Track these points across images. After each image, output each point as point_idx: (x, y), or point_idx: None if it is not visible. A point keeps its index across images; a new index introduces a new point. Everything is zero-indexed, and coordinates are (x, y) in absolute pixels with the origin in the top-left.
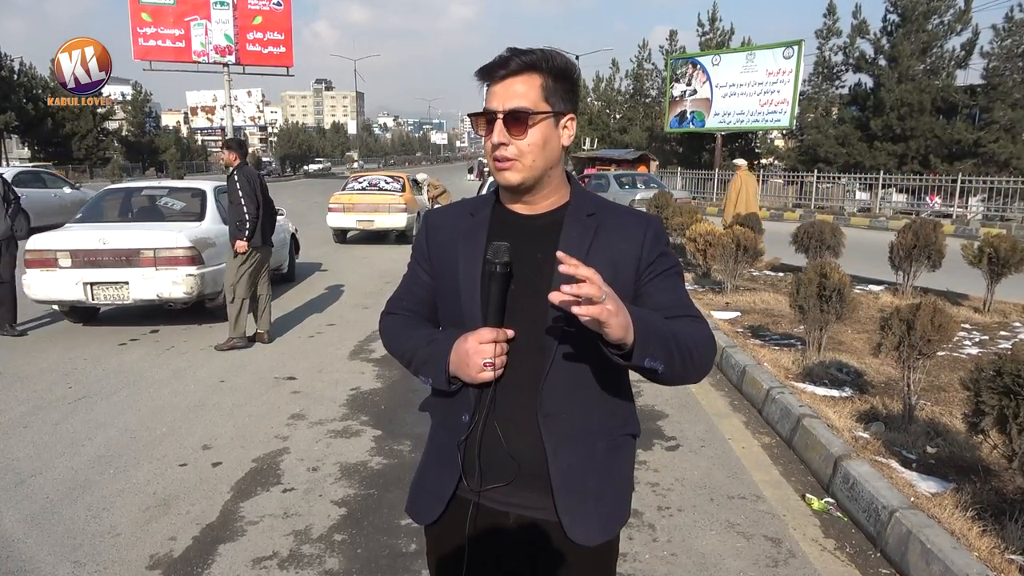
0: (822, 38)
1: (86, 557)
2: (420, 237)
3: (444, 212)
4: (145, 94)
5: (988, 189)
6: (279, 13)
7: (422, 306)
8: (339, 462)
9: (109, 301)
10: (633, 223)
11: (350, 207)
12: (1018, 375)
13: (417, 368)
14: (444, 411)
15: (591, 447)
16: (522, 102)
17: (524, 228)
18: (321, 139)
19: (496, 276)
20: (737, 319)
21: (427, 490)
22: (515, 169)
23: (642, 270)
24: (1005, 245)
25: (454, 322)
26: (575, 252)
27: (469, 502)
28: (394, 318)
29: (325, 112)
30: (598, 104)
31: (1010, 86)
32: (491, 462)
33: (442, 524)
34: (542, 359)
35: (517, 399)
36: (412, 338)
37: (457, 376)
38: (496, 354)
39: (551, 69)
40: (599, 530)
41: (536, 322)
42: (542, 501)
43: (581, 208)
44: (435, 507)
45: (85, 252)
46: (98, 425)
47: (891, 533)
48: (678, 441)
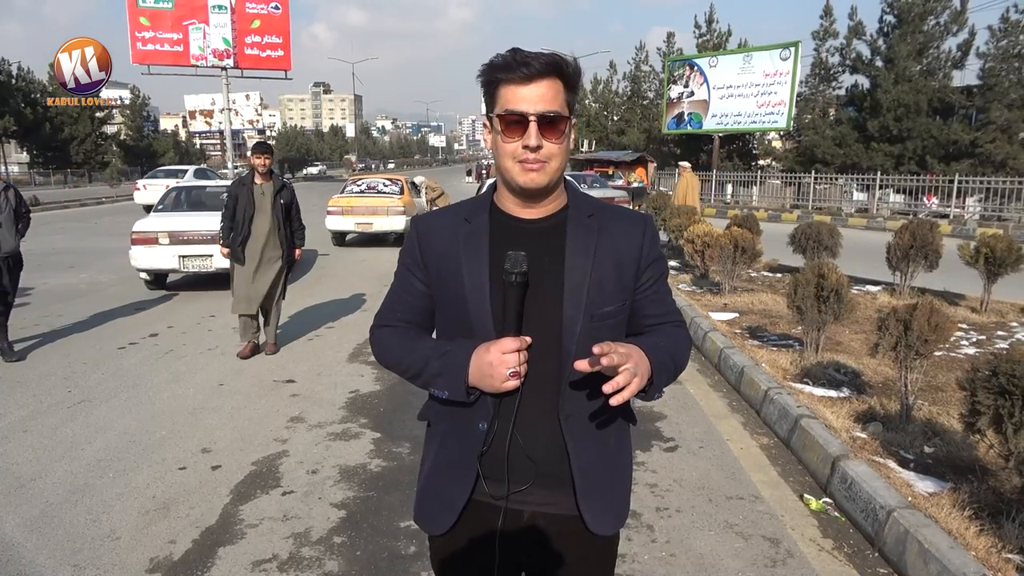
0: (819, 39)
1: (86, 561)
2: (411, 245)
3: (435, 218)
4: (143, 98)
5: (985, 189)
6: (277, 17)
7: (417, 316)
8: (338, 465)
9: (196, 269)
10: (631, 224)
11: (349, 210)
12: (1013, 375)
13: (427, 382)
14: (454, 420)
15: (605, 443)
16: (554, 106)
17: (528, 233)
18: (320, 142)
19: (515, 286)
20: (735, 320)
21: (437, 499)
22: (544, 171)
23: (641, 271)
24: (1001, 245)
25: (461, 331)
26: (583, 254)
27: (483, 508)
28: (389, 331)
29: (323, 115)
30: (596, 106)
31: (1006, 86)
32: (514, 466)
33: (453, 532)
34: (558, 361)
35: (534, 402)
36: (416, 351)
37: (477, 387)
38: (520, 362)
39: (570, 76)
40: (614, 520)
41: (549, 325)
42: (555, 497)
43: (580, 210)
44: (447, 516)
45: (179, 233)
46: (97, 429)
47: (889, 533)
48: (676, 442)
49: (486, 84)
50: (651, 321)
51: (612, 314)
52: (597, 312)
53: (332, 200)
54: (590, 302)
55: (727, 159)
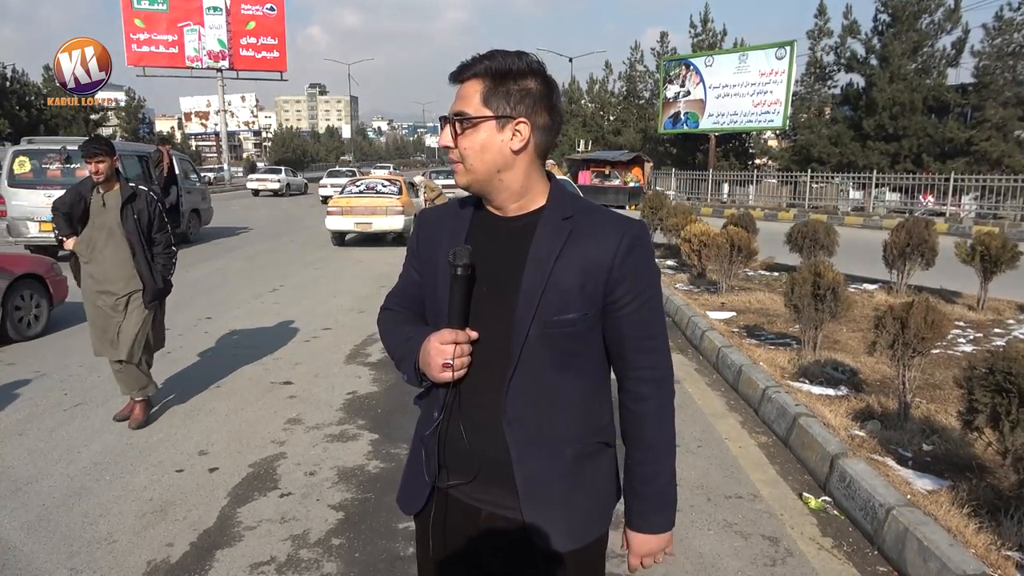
0: (814, 38)
1: (83, 564)
2: (414, 235)
3: (436, 210)
4: (139, 100)
5: (980, 187)
6: (272, 18)
7: (411, 303)
8: (336, 466)
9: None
10: (609, 230)
11: (348, 210)
12: (1010, 372)
13: (397, 363)
14: (426, 406)
15: (558, 454)
16: (464, 106)
17: (500, 230)
18: (316, 143)
19: (459, 279)
20: (732, 319)
21: (411, 481)
22: (459, 171)
23: (613, 282)
24: (997, 243)
25: (436, 319)
26: (543, 258)
27: (444, 496)
28: (387, 314)
29: (319, 117)
30: (592, 106)
31: (1001, 84)
32: (455, 459)
33: (425, 514)
34: (507, 363)
35: (482, 401)
36: (395, 334)
37: (424, 373)
38: (456, 355)
39: (489, 72)
40: (566, 538)
41: (502, 325)
42: (512, 501)
43: (557, 211)
44: (418, 498)
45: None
46: (94, 432)
47: (888, 531)
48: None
49: None
50: (629, 344)
51: (571, 323)
52: (551, 319)
53: (332, 201)
54: (545, 307)
55: (723, 158)
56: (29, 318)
